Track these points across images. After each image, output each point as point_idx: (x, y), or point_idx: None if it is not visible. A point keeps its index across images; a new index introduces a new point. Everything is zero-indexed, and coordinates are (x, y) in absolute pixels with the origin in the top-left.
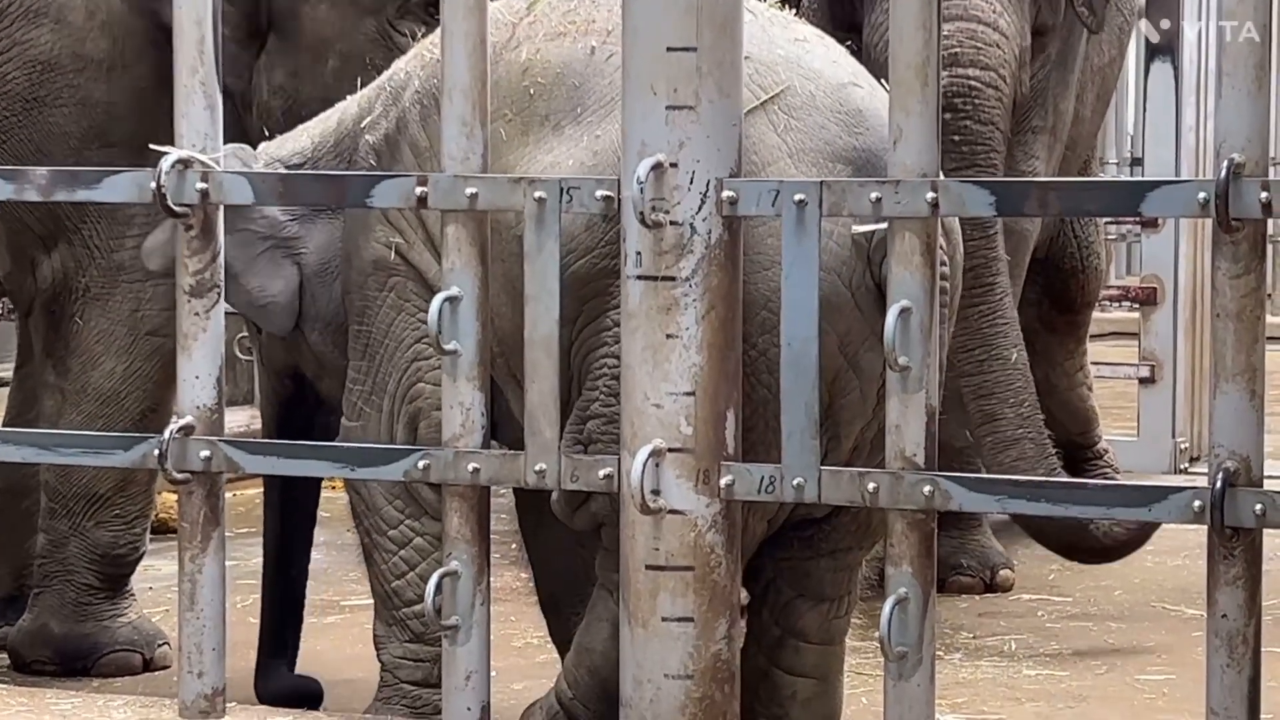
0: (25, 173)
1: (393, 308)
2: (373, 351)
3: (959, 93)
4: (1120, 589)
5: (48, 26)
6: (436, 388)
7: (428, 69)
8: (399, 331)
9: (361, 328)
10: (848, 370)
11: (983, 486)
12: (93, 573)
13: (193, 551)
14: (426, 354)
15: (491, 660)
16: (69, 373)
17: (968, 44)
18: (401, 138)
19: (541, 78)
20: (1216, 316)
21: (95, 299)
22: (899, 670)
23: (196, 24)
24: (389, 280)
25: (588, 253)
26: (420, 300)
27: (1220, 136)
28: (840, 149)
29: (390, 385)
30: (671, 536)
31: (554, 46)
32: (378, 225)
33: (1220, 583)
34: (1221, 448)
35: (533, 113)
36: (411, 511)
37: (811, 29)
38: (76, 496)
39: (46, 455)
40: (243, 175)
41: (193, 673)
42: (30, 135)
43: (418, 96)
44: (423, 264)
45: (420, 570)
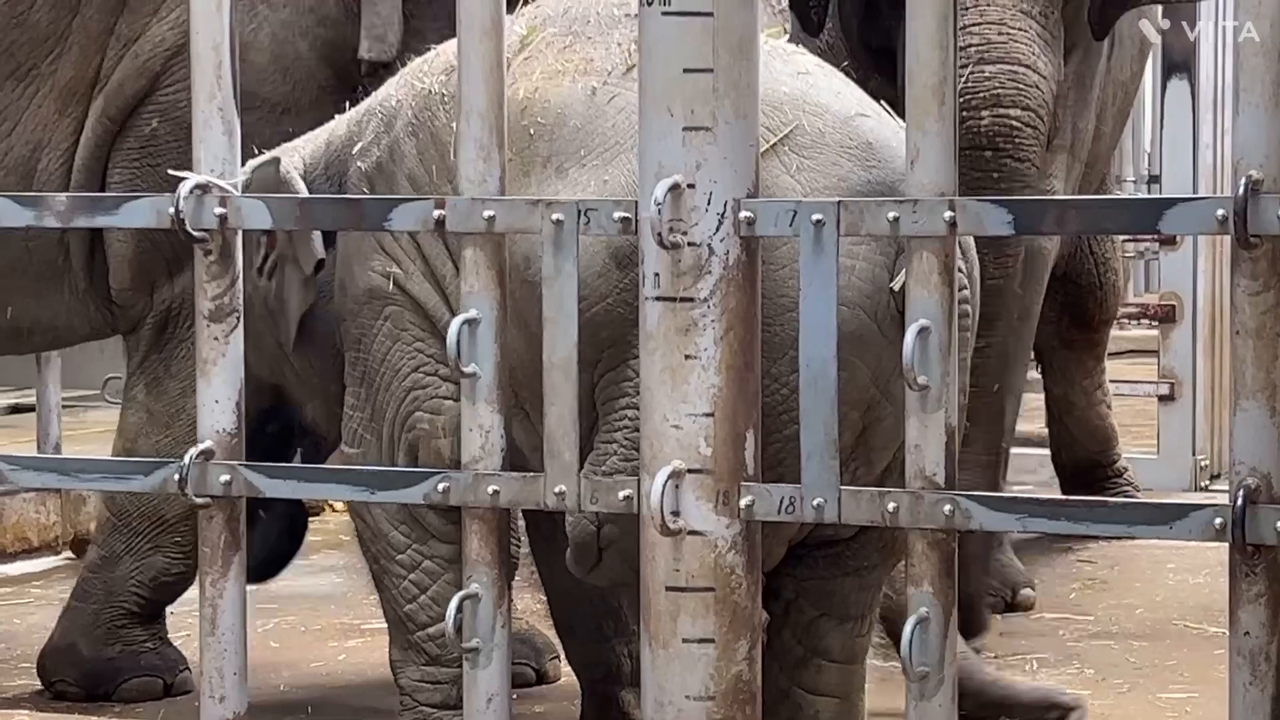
0: (45, 199)
1: (388, 336)
2: (370, 379)
3: (1000, 133)
4: (1142, 607)
5: None
6: (435, 416)
7: (419, 100)
8: (395, 361)
9: (358, 355)
10: (882, 400)
11: (1003, 506)
12: (136, 597)
13: (213, 576)
14: (423, 383)
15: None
16: (164, 394)
17: (1009, 85)
18: (397, 169)
19: (542, 118)
20: (1236, 333)
21: None
22: (921, 690)
23: (214, 49)
24: (385, 309)
25: (602, 299)
26: (417, 330)
27: (1238, 153)
28: (854, 184)
29: (389, 413)
30: (691, 558)
31: (553, 86)
32: (374, 255)
33: (1242, 600)
34: (1242, 465)
35: (533, 154)
36: (417, 536)
37: (812, 59)
38: (143, 516)
39: (69, 481)
40: (261, 200)
41: (214, 697)
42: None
43: (412, 128)
44: (421, 294)
45: (432, 593)
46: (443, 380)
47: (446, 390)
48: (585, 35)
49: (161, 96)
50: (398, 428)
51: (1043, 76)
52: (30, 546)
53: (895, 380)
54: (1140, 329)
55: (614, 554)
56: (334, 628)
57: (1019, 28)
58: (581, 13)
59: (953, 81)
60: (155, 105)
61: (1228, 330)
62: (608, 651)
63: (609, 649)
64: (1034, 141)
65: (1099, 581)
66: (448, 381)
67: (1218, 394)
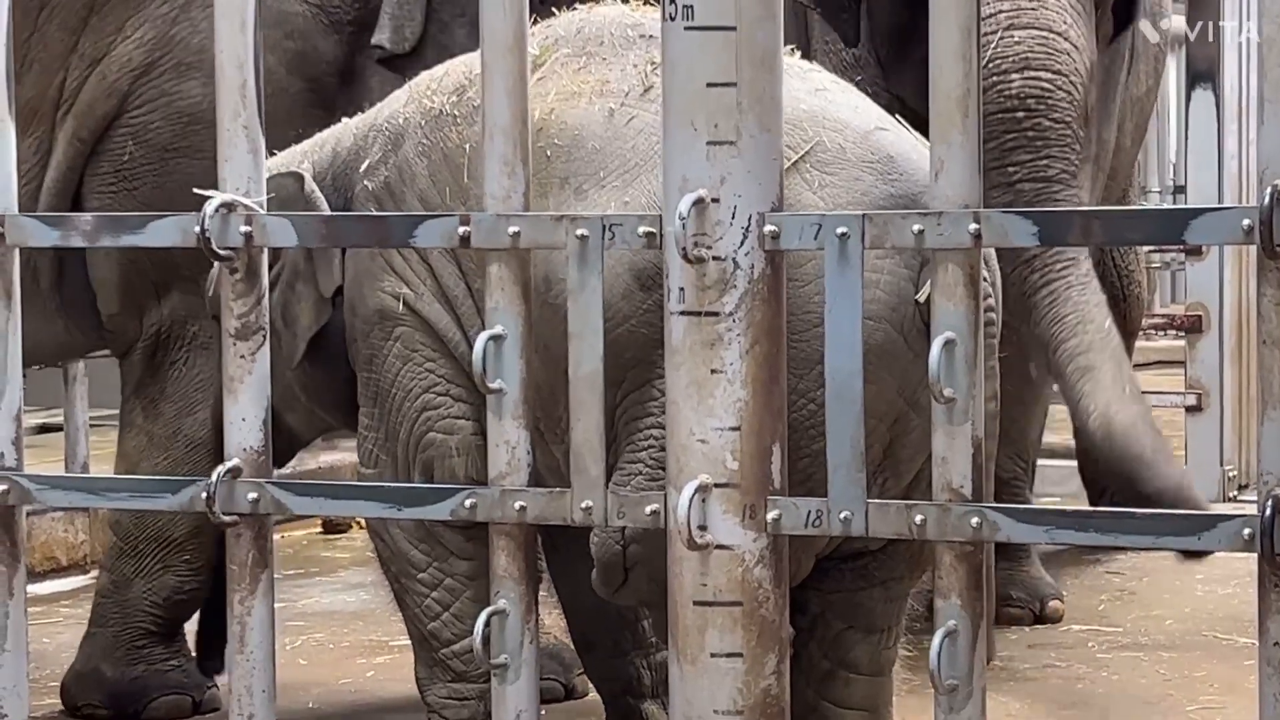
0: (70, 219)
1: (399, 358)
2: (382, 400)
3: (1032, 94)
4: (1171, 618)
5: (199, 80)
6: (447, 436)
7: (430, 120)
8: (406, 382)
9: (370, 376)
10: (908, 412)
11: (1030, 517)
12: (152, 617)
13: (242, 594)
14: (435, 403)
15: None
16: (160, 417)
17: (1039, 49)
18: (407, 189)
19: (559, 139)
20: (1263, 343)
21: (203, 348)
22: (949, 704)
23: (238, 68)
24: (395, 330)
25: (625, 321)
26: (428, 350)
27: (1263, 163)
28: (877, 198)
29: (402, 434)
30: (719, 572)
31: (569, 107)
32: (385, 275)
33: (1272, 610)
34: (1270, 475)
35: (550, 175)
36: (437, 554)
37: (829, 76)
38: (149, 539)
39: (95, 500)
40: (286, 218)
41: (242, 715)
42: (164, 184)
43: (423, 149)
44: (432, 315)
45: (455, 610)
46: (455, 400)
47: (459, 410)
48: (600, 56)
49: (132, 119)
50: (412, 448)
51: (1074, 45)
52: (59, 565)
53: (922, 392)
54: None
55: (640, 573)
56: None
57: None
58: (595, 33)
59: (976, 93)
60: (127, 128)
61: (1255, 340)
62: (626, 665)
63: (627, 663)
64: (1069, 104)
65: (1127, 593)
66: (460, 402)
67: (1245, 404)
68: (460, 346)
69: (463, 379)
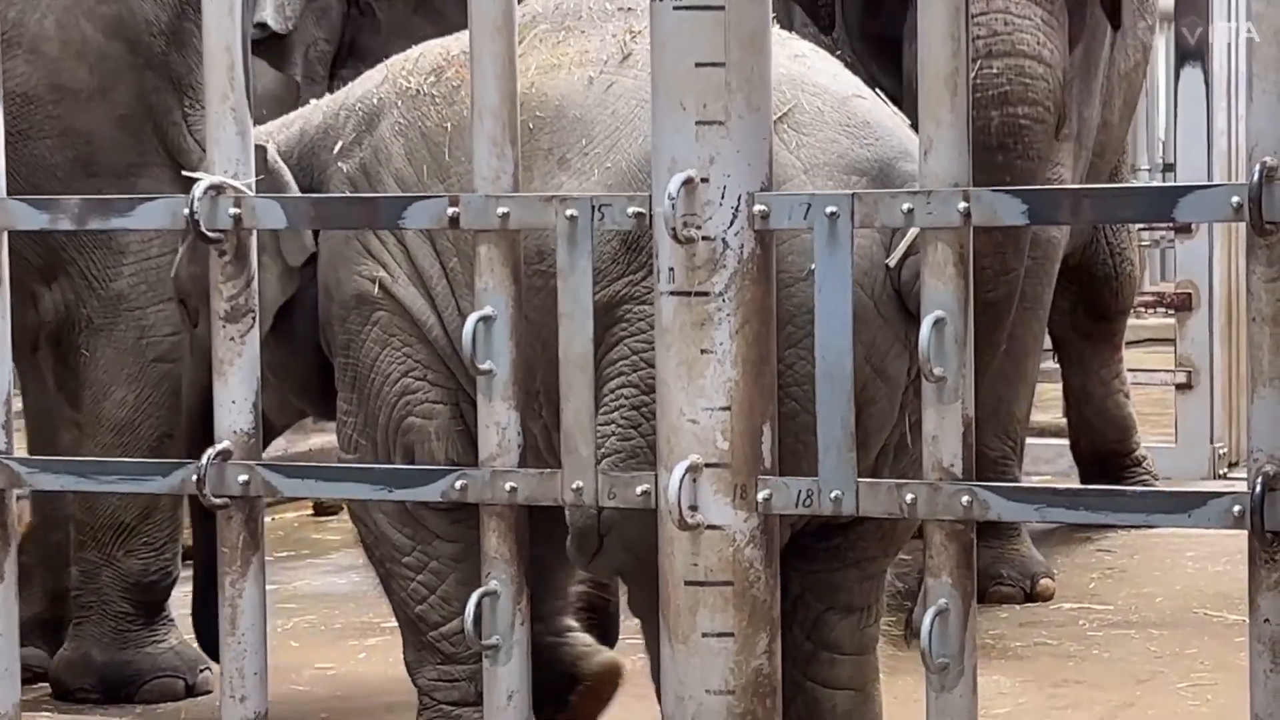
0: (59, 202)
1: (377, 342)
2: (360, 385)
3: (1010, 132)
4: (1161, 596)
5: (22, 58)
6: (427, 421)
7: (407, 100)
8: (385, 366)
9: (347, 361)
10: (876, 379)
11: (1021, 495)
12: (128, 601)
13: (233, 576)
14: (414, 388)
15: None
16: (81, 405)
17: (1016, 82)
18: (383, 169)
19: (540, 111)
20: (1253, 320)
21: (99, 330)
22: (941, 682)
23: (226, 50)
24: (372, 315)
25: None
26: (405, 334)
27: (1252, 140)
28: (853, 160)
29: (381, 419)
30: (710, 552)
31: (550, 80)
32: (360, 259)
33: (1262, 588)
34: (1260, 452)
35: (535, 147)
36: (421, 537)
37: (808, 44)
38: (104, 527)
39: (85, 483)
40: (275, 200)
41: (234, 697)
42: (17, 168)
43: (399, 128)
44: (407, 298)
45: (441, 592)
46: (432, 385)
47: (438, 395)
48: (578, 29)
49: None
50: (392, 433)
51: (1048, 66)
52: None
53: (891, 361)
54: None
55: (615, 540)
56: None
57: (1024, 16)
58: (573, 8)
59: (965, 72)
60: None
61: (1244, 317)
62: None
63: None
64: (1042, 137)
65: (1118, 570)
66: (438, 386)
67: (1235, 381)
68: (434, 330)
69: (439, 363)
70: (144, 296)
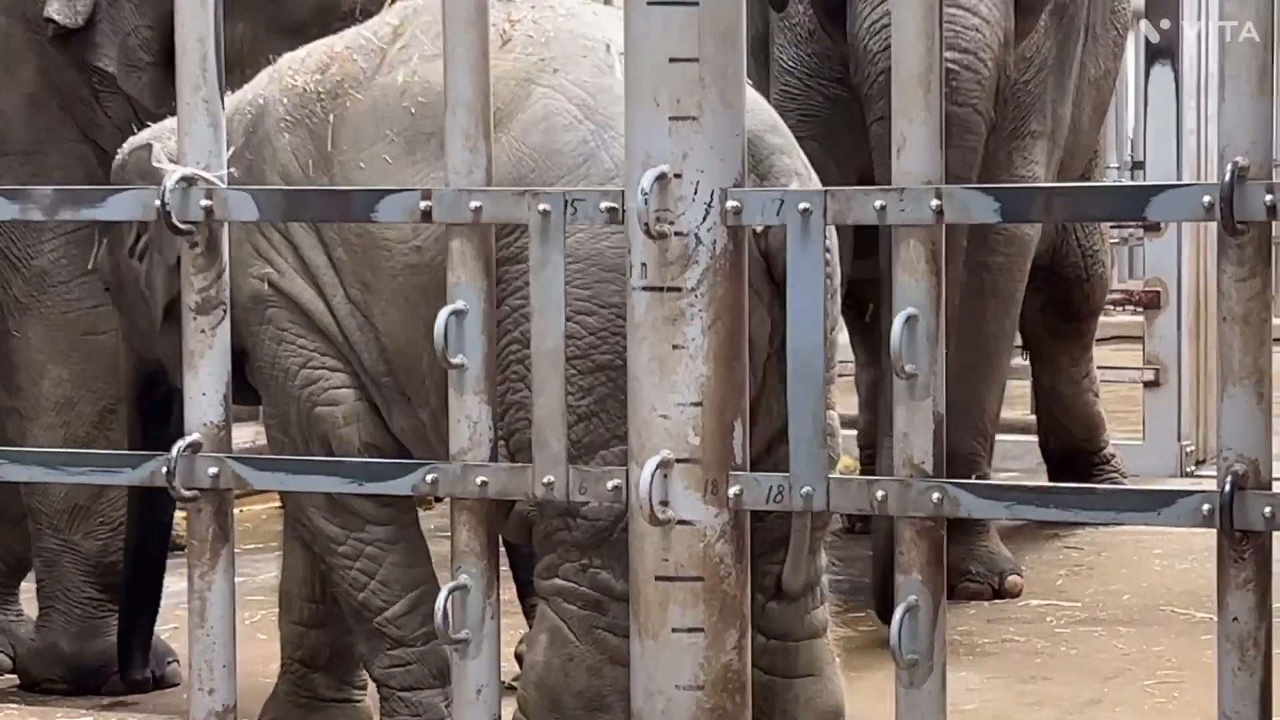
0: (29, 192)
1: (273, 339)
2: (267, 384)
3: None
4: (1129, 593)
5: None
6: (333, 407)
7: (293, 96)
8: (284, 362)
9: (256, 363)
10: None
11: (991, 493)
12: (90, 585)
13: (202, 569)
14: (314, 378)
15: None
16: (20, 390)
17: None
18: (268, 165)
19: (422, 97)
20: (1223, 320)
21: (26, 309)
22: (910, 678)
23: (199, 41)
24: (266, 312)
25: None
26: (297, 327)
27: (1224, 140)
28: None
29: (292, 414)
30: (680, 547)
31: (431, 68)
32: (251, 260)
33: (1230, 586)
34: (1230, 451)
35: (416, 131)
36: (352, 525)
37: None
38: (58, 512)
39: (54, 474)
40: (247, 192)
41: (203, 689)
42: None
43: (285, 125)
44: (295, 291)
45: (380, 577)
46: (331, 371)
47: (338, 380)
48: None
49: None
50: (304, 425)
51: (983, 19)
52: None
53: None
54: (1125, 315)
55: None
56: None
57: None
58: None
59: (939, 70)
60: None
61: (1213, 316)
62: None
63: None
64: (974, 85)
65: (1085, 568)
66: (336, 372)
67: (1203, 380)
68: (325, 318)
69: (334, 350)
70: (65, 270)
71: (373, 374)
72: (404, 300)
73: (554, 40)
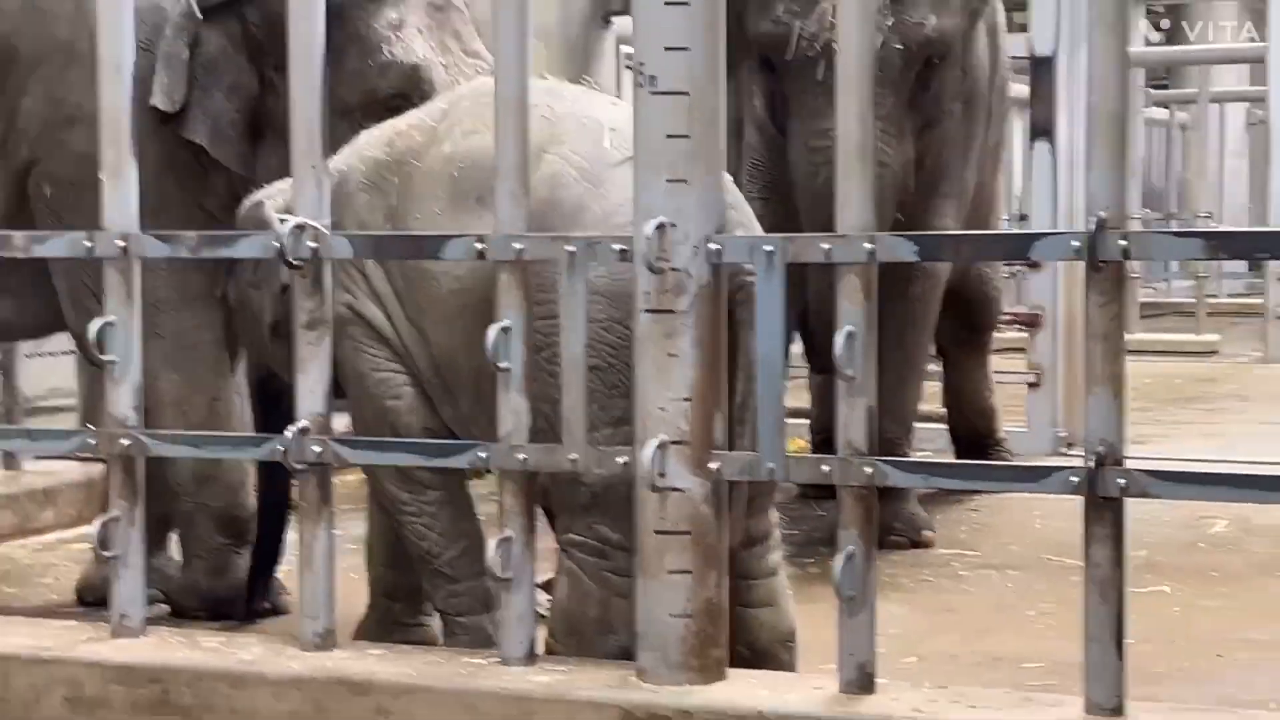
0: (179, 236)
1: (353, 350)
2: (349, 384)
3: None
4: (1016, 545)
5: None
6: (398, 400)
7: (369, 165)
8: (360, 367)
9: (341, 369)
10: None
11: (912, 468)
12: (218, 534)
13: (309, 525)
14: (383, 379)
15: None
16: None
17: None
18: (350, 219)
19: (463, 164)
20: (1089, 336)
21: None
22: (849, 609)
23: (308, 123)
24: (347, 329)
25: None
26: (369, 341)
27: (1089, 199)
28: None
29: (368, 411)
30: (674, 509)
31: (471, 141)
32: (338, 291)
33: (1093, 540)
34: (1093, 436)
35: (458, 191)
36: (415, 490)
37: None
38: (188, 480)
39: (199, 451)
40: (345, 236)
41: (310, 616)
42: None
43: (363, 186)
44: (368, 312)
45: (439, 530)
46: (395, 373)
47: (401, 380)
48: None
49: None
50: (378, 416)
51: (886, 165)
52: None
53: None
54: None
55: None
56: None
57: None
58: (488, 89)
59: (871, 145)
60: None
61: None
62: None
63: None
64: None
65: (983, 525)
66: (399, 374)
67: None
68: (389, 333)
69: (396, 357)
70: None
71: (425, 375)
72: (447, 319)
73: (561, 119)
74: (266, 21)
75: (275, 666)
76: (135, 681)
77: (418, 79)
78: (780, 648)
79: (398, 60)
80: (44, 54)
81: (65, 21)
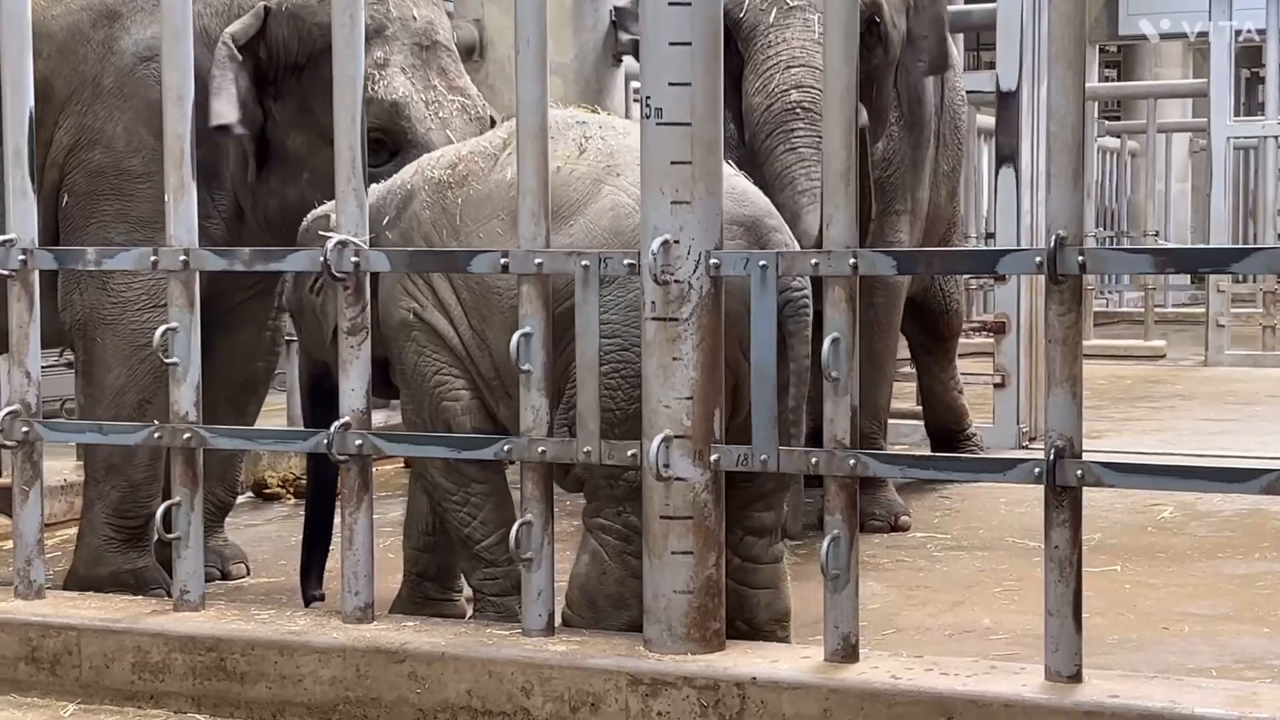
0: (235, 251)
1: (415, 354)
2: (408, 383)
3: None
4: (984, 528)
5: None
6: (454, 402)
7: (432, 186)
8: (422, 369)
9: (400, 368)
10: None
11: (890, 460)
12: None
13: (351, 509)
14: (443, 383)
15: (555, 581)
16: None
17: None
18: (414, 233)
19: None
20: (1049, 342)
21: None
22: (834, 586)
23: (350, 149)
24: (411, 334)
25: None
26: (433, 347)
27: (1049, 218)
28: (734, 217)
29: (425, 405)
30: (677, 496)
31: None
32: (401, 296)
33: (1053, 524)
34: (1053, 431)
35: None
36: (460, 481)
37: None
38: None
39: (251, 444)
40: (384, 251)
41: (351, 592)
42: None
43: (426, 205)
44: (433, 320)
45: (481, 518)
46: (455, 378)
47: (460, 384)
48: (550, 135)
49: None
50: (433, 414)
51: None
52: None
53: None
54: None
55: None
56: None
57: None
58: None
59: (855, 169)
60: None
61: (1042, 339)
62: None
63: None
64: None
65: (954, 511)
66: (458, 379)
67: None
68: (454, 340)
69: (458, 363)
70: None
71: (486, 379)
72: (507, 328)
73: (616, 151)
74: (272, 57)
75: (320, 636)
76: (194, 650)
77: (396, 114)
78: (776, 626)
79: (378, 97)
80: (74, 90)
81: (93, 61)
